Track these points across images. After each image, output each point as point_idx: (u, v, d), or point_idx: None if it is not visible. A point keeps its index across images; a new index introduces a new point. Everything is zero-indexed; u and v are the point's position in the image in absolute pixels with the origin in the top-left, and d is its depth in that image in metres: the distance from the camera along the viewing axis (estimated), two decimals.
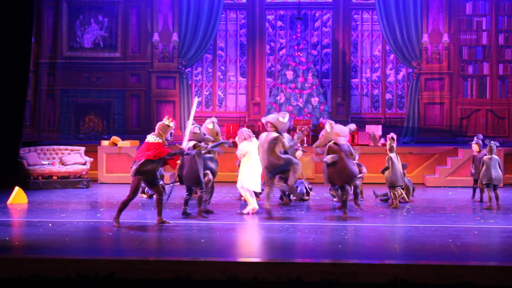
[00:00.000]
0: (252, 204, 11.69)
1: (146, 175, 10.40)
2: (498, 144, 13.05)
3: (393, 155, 12.58)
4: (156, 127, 10.65)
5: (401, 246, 9.25)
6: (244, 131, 11.93)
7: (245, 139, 11.82)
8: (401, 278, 7.82)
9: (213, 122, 12.65)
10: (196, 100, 11.60)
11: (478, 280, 7.79)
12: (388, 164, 12.51)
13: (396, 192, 12.61)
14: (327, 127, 11.51)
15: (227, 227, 10.51)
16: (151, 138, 10.53)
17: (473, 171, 13.50)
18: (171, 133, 10.71)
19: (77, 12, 18.59)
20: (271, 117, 11.44)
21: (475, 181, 13.49)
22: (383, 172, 12.64)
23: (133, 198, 10.54)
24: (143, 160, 10.36)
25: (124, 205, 10.56)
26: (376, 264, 8.20)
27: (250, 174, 11.74)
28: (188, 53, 18.63)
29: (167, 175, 14.68)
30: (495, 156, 12.70)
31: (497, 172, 12.61)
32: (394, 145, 12.74)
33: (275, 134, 11.16)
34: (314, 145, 12.25)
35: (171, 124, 10.66)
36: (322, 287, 7.81)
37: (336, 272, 7.94)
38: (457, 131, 18.13)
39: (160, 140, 10.49)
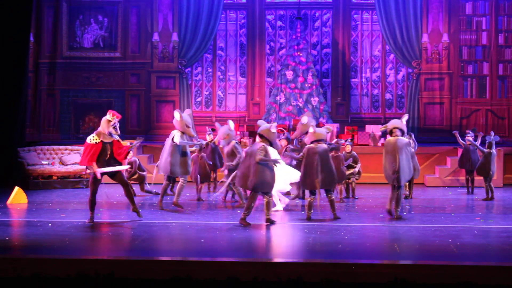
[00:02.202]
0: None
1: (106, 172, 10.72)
2: (498, 139, 13.53)
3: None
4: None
5: (401, 246, 9.24)
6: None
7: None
8: (401, 278, 7.82)
9: (179, 113, 11.86)
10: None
11: (478, 280, 7.79)
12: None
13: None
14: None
15: (227, 227, 10.51)
16: (89, 137, 10.70)
17: (461, 163, 14.39)
18: (114, 127, 10.74)
19: (77, 12, 18.60)
20: (396, 122, 11.40)
21: (467, 172, 14.36)
22: None
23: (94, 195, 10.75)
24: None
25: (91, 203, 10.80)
26: (376, 264, 8.20)
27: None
28: (188, 53, 18.63)
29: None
30: (494, 151, 13.49)
31: (494, 166, 13.47)
32: (411, 141, 13.21)
33: (406, 139, 11.22)
34: None
35: (111, 118, 10.66)
36: (322, 287, 7.81)
37: (336, 272, 7.93)
38: (457, 131, 18.12)
39: (94, 141, 10.57)
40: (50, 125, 18.29)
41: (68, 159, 15.32)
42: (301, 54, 18.01)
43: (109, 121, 10.66)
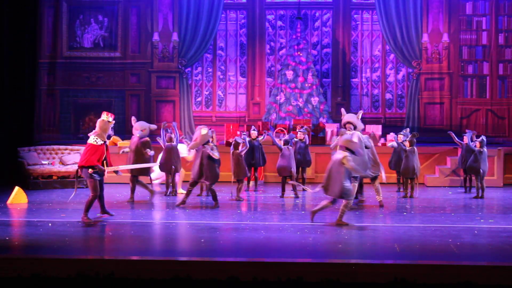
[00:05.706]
0: None
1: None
2: (484, 138, 13.90)
3: (410, 149, 13.60)
4: (97, 125, 10.77)
5: (401, 246, 9.24)
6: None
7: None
8: (401, 278, 7.83)
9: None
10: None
11: (478, 280, 7.79)
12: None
13: (407, 183, 13.74)
14: None
15: (227, 227, 10.51)
16: (91, 138, 10.69)
17: (461, 162, 14.56)
18: (111, 128, 10.97)
19: (77, 12, 18.60)
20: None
21: (465, 171, 14.52)
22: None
23: (97, 196, 10.85)
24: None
25: (89, 204, 10.84)
26: (376, 264, 8.21)
27: None
28: (188, 53, 18.63)
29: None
30: (485, 150, 13.65)
31: (485, 165, 13.60)
32: (415, 140, 13.72)
33: None
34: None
35: (111, 119, 10.80)
36: (322, 287, 7.81)
37: (336, 272, 7.94)
38: (457, 131, 18.12)
39: (98, 142, 10.61)
40: (50, 125, 18.28)
41: (68, 159, 15.31)
42: (301, 54, 18.01)
43: (109, 123, 10.74)
